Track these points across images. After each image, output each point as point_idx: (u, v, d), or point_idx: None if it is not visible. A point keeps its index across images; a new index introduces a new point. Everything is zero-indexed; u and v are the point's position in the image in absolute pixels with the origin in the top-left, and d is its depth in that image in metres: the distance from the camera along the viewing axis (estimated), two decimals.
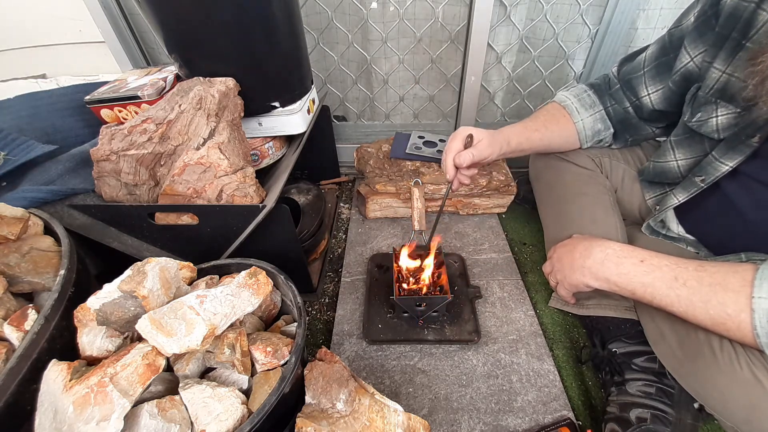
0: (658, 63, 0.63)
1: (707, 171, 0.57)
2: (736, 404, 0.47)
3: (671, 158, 0.65)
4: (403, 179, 0.98)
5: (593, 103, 0.73)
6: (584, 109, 0.73)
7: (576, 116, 0.73)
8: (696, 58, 0.57)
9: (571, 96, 0.75)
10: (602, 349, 0.66)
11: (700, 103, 0.57)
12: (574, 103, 0.74)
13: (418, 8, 0.98)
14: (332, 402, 0.50)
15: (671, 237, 0.67)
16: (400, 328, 0.75)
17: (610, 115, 0.73)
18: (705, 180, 0.58)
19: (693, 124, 0.58)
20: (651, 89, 0.65)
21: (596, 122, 0.73)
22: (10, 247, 0.50)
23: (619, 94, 0.70)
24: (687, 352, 0.53)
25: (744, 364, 0.45)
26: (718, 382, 0.48)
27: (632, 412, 0.57)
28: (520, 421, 0.62)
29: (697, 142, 0.60)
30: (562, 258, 0.62)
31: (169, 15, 0.62)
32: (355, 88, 1.14)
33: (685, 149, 0.62)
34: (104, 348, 0.45)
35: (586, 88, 0.74)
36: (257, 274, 0.51)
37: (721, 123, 0.55)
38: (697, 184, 0.59)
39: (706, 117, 0.56)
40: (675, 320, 0.55)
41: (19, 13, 0.98)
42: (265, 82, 0.73)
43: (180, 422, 0.41)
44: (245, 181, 0.62)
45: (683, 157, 0.63)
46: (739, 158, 0.53)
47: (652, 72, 0.64)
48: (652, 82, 0.64)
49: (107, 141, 0.62)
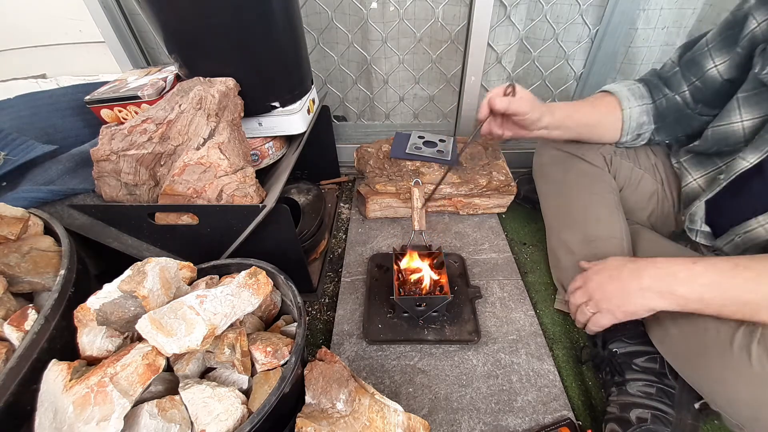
0: (723, 37, 0.61)
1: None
2: (743, 401, 0.47)
3: (736, 119, 0.59)
4: (403, 179, 0.98)
5: (642, 94, 0.72)
6: (634, 98, 0.72)
7: (626, 103, 0.71)
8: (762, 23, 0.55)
9: (620, 85, 0.73)
10: (603, 349, 0.66)
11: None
12: (623, 91, 0.72)
13: (418, 8, 0.98)
14: (332, 402, 0.50)
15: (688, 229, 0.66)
16: (400, 328, 0.75)
17: (661, 107, 0.71)
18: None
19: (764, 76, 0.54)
20: (718, 60, 0.62)
21: (642, 114, 0.72)
22: (10, 247, 0.50)
23: (677, 78, 0.68)
24: (694, 350, 0.53)
25: (755, 359, 0.45)
26: (726, 379, 0.48)
27: (632, 412, 0.56)
28: (520, 421, 0.62)
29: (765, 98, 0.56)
30: (604, 286, 0.57)
31: (169, 15, 0.62)
32: (355, 88, 1.14)
33: (753, 107, 0.58)
34: (104, 348, 0.45)
35: (635, 81, 0.73)
36: (257, 274, 0.51)
37: None
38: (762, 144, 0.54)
39: None
40: (681, 318, 0.55)
41: (19, 13, 0.98)
42: (265, 82, 0.73)
43: (180, 422, 0.41)
44: (245, 181, 0.62)
45: (750, 117, 0.58)
46: None
47: (717, 45, 0.62)
48: (719, 54, 0.62)
49: (107, 141, 0.62)
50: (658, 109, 0.71)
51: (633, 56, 1.01)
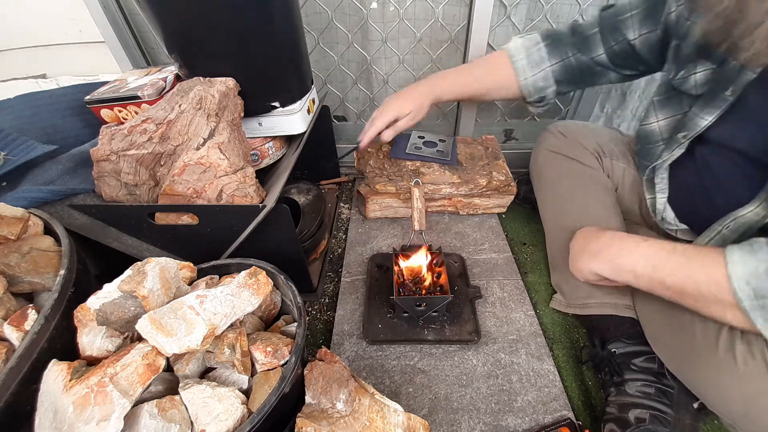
0: (647, 6, 0.64)
1: (688, 126, 0.59)
2: (733, 400, 0.47)
3: (653, 119, 0.66)
4: (403, 179, 0.98)
5: (541, 59, 0.75)
6: (531, 67, 0.76)
7: (522, 74, 0.76)
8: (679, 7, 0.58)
9: (522, 50, 0.76)
10: (602, 349, 0.66)
11: (683, 60, 0.59)
12: (522, 60, 0.76)
13: (418, 8, 0.98)
14: (332, 402, 0.50)
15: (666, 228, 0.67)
16: (400, 328, 0.75)
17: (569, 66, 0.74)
18: (687, 135, 0.59)
19: (676, 81, 0.60)
20: (639, 32, 0.66)
21: (539, 80, 0.77)
22: (10, 247, 0.50)
23: (594, 39, 0.71)
24: (684, 349, 0.53)
25: (740, 359, 0.46)
26: (715, 378, 0.48)
27: (631, 412, 0.57)
28: (520, 421, 0.62)
29: (676, 101, 0.62)
30: (573, 243, 0.64)
31: (169, 15, 0.62)
32: (355, 88, 1.14)
33: (666, 109, 0.64)
34: (104, 348, 0.45)
35: (539, 40, 0.75)
36: (257, 274, 0.51)
37: (698, 79, 0.57)
38: (679, 140, 0.61)
39: (687, 74, 0.58)
40: (672, 316, 0.55)
41: (19, 13, 0.98)
42: (265, 82, 0.73)
43: (180, 422, 0.41)
44: (245, 181, 0.62)
45: (664, 117, 0.65)
46: (716, 112, 0.55)
47: (641, 14, 0.64)
48: (642, 25, 0.65)
49: (107, 141, 0.62)
50: (565, 67, 0.75)
51: None
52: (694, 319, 0.52)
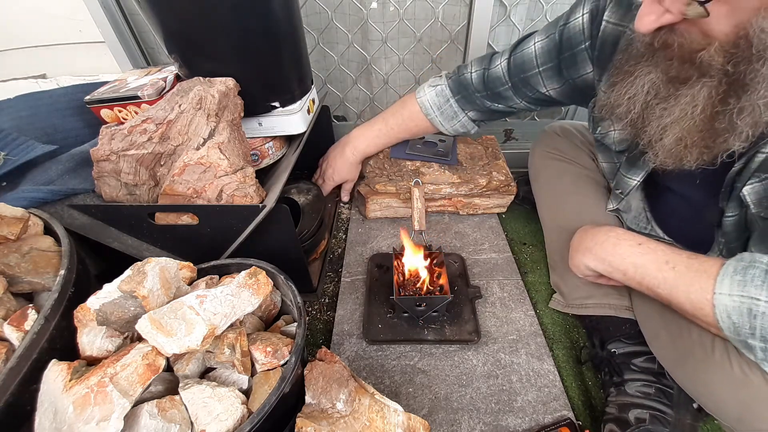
0: (552, 65, 0.66)
1: (621, 185, 0.63)
2: (728, 403, 0.47)
3: (601, 160, 0.72)
4: (403, 179, 0.97)
5: (455, 114, 0.81)
6: (446, 120, 0.82)
7: (440, 127, 0.84)
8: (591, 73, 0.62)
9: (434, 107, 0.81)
10: (601, 349, 0.66)
11: (598, 119, 0.61)
12: (437, 117, 0.82)
13: (418, 8, 0.98)
14: (332, 402, 0.50)
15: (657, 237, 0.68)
16: (400, 328, 0.75)
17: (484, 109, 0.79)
18: (623, 192, 0.63)
19: (597, 136, 0.63)
20: (550, 86, 0.69)
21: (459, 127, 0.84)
22: (10, 247, 0.50)
23: (508, 93, 0.73)
24: (680, 352, 0.53)
25: (735, 362, 0.45)
26: (711, 382, 0.48)
27: (631, 412, 0.57)
28: (520, 421, 0.62)
29: (605, 150, 0.67)
30: (572, 242, 0.64)
31: (169, 15, 0.62)
32: (355, 88, 1.14)
33: (602, 154, 0.69)
34: (104, 348, 0.45)
35: (449, 96, 0.79)
36: (257, 274, 0.51)
37: (617, 137, 0.60)
38: (618, 196, 0.65)
39: (605, 131, 0.61)
40: (669, 319, 0.55)
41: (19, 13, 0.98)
42: (265, 82, 0.73)
43: (180, 422, 0.41)
44: (245, 181, 0.62)
45: (603, 161, 0.70)
46: (641, 173, 0.58)
47: (548, 72, 0.67)
48: (551, 82, 0.68)
49: (107, 141, 0.62)
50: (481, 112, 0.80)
51: None
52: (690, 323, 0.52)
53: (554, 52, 0.64)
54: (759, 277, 0.40)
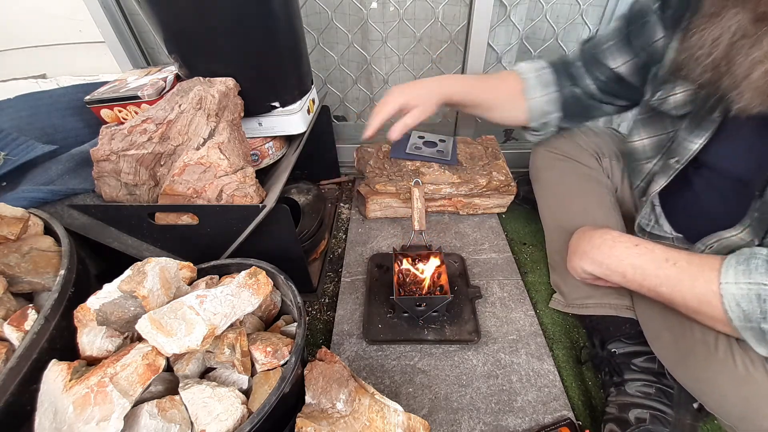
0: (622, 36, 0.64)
1: (679, 152, 0.58)
2: (731, 402, 0.47)
3: (637, 138, 0.66)
4: (403, 179, 0.98)
5: (549, 82, 0.73)
6: (540, 87, 0.73)
7: (531, 93, 0.73)
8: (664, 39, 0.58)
9: (531, 70, 0.73)
10: (602, 349, 0.66)
11: (660, 82, 0.58)
12: (532, 79, 0.73)
13: (418, 8, 0.98)
14: (332, 402, 0.50)
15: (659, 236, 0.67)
16: (400, 328, 0.75)
17: (566, 97, 0.73)
18: (679, 161, 0.58)
19: (654, 102, 0.60)
20: (620, 59, 0.65)
21: (546, 104, 0.73)
22: (10, 247, 0.50)
23: (580, 73, 0.70)
24: (682, 350, 0.53)
25: (739, 360, 0.45)
26: (714, 380, 0.48)
27: (631, 412, 0.57)
28: (520, 421, 0.62)
29: (658, 120, 0.62)
30: (570, 242, 0.64)
31: (169, 15, 0.62)
32: (355, 88, 1.14)
33: (648, 128, 0.64)
34: (104, 348, 0.45)
35: (546, 65, 0.74)
36: (257, 274, 0.51)
37: (678, 100, 0.56)
38: (672, 166, 0.60)
39: (666, 95, 0.57)
40: (671, 318, 0.55)
41: (19, 13, 0.98)
42: (265, 82, 0.73)
43: (180, 422, 0.41)
44: (245, 181, 0.62)
45: (647, 136, 0.65)
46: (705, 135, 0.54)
47: (618, 45, 0.64)
48: (620, 54, 0.65)
49: (107, 141, 0.62)
50: (564, 97, 0.72)
51: None
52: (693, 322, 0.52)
53: (624, 27, 0.63)
54: (762, 266, 0.41)
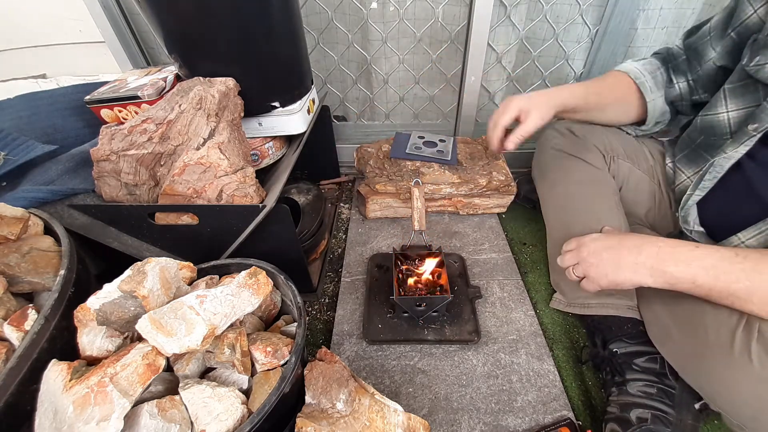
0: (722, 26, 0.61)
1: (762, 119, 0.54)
2: (744, 401, 0.47)
3: (722, 109, 0.60)
4: (403, 179, 0.98)
5: (663, 82, 0.70)
6: (657, 88, 0.70)
7: (650, 95, 0.70)
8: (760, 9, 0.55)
9: (645, 72, 0.71)
10: (603, 349, 0.66)
11: (760, 46, 0.54)
12: (648, 80, 0.70)
13: (418, 8, 0.98)
14: (332, 402, 0.50)
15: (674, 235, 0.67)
16: (400, 328, 0.75)
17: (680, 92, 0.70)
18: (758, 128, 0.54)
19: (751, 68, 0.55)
20: (716, 47, 0.62)
21: (665, 104, 0.71)
22: (10, 247, 0.50)
23: (683, 66, 0.68)
24: (695, 350, 0.53)
25: (756, 358, 0.45)
26: (727, 379, 0.48)
27: (633, 412, 0.56)
28: (520, 421, 0.62)
29: (751, 90, 0.57)
30: (600, 253, 0.58)
31: (169, 15, 0.62)
32: (355, 88, 1.14)
33: (738, 99, 0.59)
34: (104, 348, 0.45)
35: (659, 65, 0.71)
36: (257, 274, 0.51)
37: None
38: (749, 133, 0.55)
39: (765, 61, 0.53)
40: (681, 318, 0.55)
41: (19, 13, 0.98)
42: (265, 82, 0.73)
43: (180, 422, 0.41)
44: (245, 181, 0.62)
45: (735, 108, 0.59)
46: None
47: (718, 33, 0.62)
48: (718, 42, 0.62)
49: (107, 141, 0.62)
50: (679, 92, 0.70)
51: (633, 56, 1.01)
52: (706, 320, 0.51)
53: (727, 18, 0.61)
54: None
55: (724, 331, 0.49)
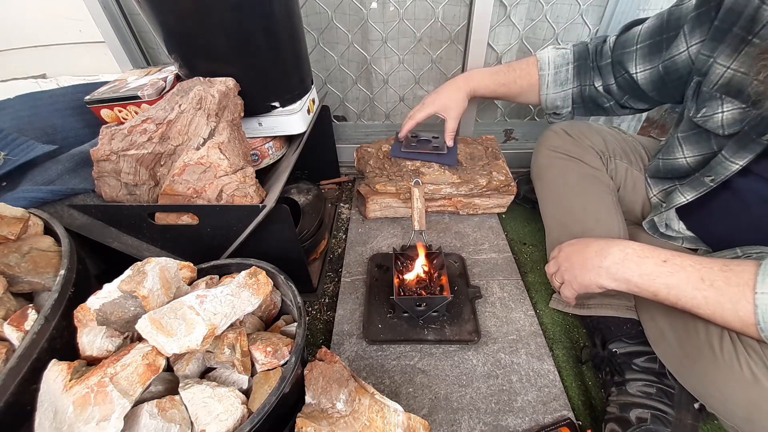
0: (652, 42, 0.63)
1: (717, 171, 0.56)
2: (736, 403, 0.47)
3: (680, 155, 0.64)
4: (403, 179, 0.98)
5: (566, 80, 0.76)
6: (555, 85, 0.77)
7: (543, 90, 0.78)
8: (692, 47, 0.57)
9: (551, 65, 0.77)
10: (603, 349, 0.66)
11: (705, 99, 0.56)
12: (549, 74, 0.77)
13: (418, 8, 0.98)
14: (332, 402, 0.50)
15: (668, 236, 0.67)
16: (400, 328, 0.75)
17: (585, 93, 0.75)
18: (714, 180, 0.57)
19: (698, 119, 0.58)
20: (640, 68, 0.65)
21: (558, 99, 0.78)
22: (10, 247, 0.50)
23: (607, 69, 0.71)
24: (687, 352, 0.53)
25: (744, 362, 0.45)
26: (719, 381, 0.48)
27: (632, 412, 0.57)
28: (520, 421, 0.62)
29: (704, 138, 0.59)
30: (571, 257, 0.59)
31: (169, 15, 0.62)
32: (355, 88, 1.14)
33: (693, 146, 0.62)
34: (104, 348, 0.45)
35: (570, 61, 0.75)
36: (257, 274, 0.51)
37: (726, 119, 0.54)
38: (706, 183, 0.58)
39: (711, 113, 0.55)
40: (675, 320, 0.55)
41: (19, 13, 0.98)
42: (265, 82, 0.73)
43: (180, 422, 0.41)
44: (245, 181, 0.62)
45: (691, 154, 0.62)
46: (749, 156, 0.52)
47: (644, 50, 0.64)
48: (642, 61, 0.65)
49: (107, 141, 0.62)
50: (581, 92, 0.76)
51: None
52: (697, 323, 0.51)
53: (657, 31, 0.62)
54: None
55: (713, 335, 0.49)
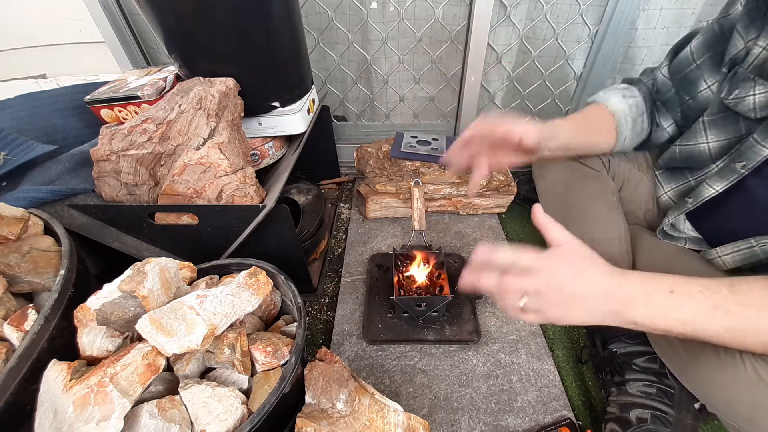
0: (712, 54, 0.60)
1: (748, 156, 0.54)
2: (739, 403, 0.47)
3: (702, 140, 0.60)
4: (403, 179, 0.98)
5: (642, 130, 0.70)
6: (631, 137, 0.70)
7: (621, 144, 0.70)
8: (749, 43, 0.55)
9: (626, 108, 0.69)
10: (603, 349, 0.66)
11: (739, 80, 0.54)
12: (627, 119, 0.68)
13: (418, 8, 0.98)
14: (332, 402, 0.50)
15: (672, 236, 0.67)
16: (400, 328, 0.75)
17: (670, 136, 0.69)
18: (746, 166, 0.54)
19: (730, 101, 0.56)
20: (710, 81, 0.61)
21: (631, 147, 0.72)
22: (10, 247, 0.50)
23: (673, 100, 0.66)
24: (690, 352, 0.53)
25: (748, 362, 0.45)
26: (722, 381, 0.48)
27: (632, 412, 0.57)
28: (520, 421, 0.62)
29: (731, 122, 0.57)
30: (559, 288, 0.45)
31: (169, 15, 0.62)
32: (355, 88, 1.14)
33: (719, 130, 0.59)
34: (104, 348, 0.45)
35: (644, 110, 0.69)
36: (257, 274, 0.51)
37: (759, 101, 0.53)
38: (737, 170, 0.55)
39: (744, 94, 0.54)
40: None
41: (19, 13, 0.98)
42: (265, 82, 0.73)
43: (180, 422, 0.41)
44: (245, 181, 0.62)
45: (716, 139, 0.59)
46: None
47: (707, 63, 0.61)
48: (711, 74, 0.61)
49: (107, 141, 0.62)
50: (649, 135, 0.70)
51: (633, 56, 1.01)
52: None
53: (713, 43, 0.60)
54: None
55: None
